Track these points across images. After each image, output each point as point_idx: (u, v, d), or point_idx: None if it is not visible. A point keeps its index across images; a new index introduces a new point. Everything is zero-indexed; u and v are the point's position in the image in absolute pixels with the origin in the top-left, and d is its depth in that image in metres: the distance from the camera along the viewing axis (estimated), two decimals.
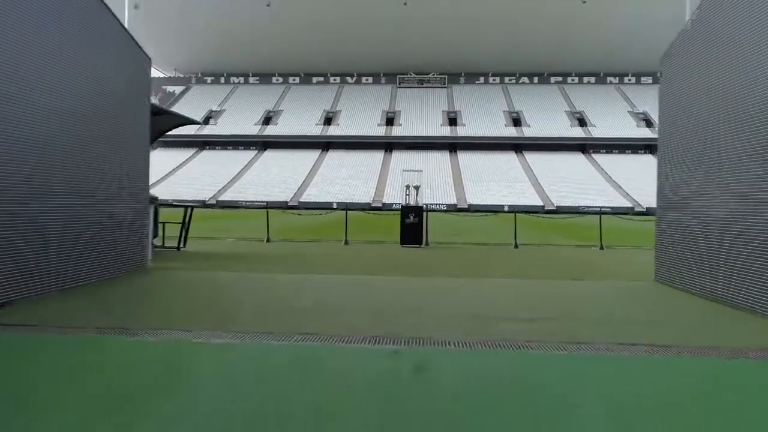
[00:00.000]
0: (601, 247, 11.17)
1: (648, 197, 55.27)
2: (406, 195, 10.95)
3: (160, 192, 59.87)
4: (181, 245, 9.33)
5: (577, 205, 54.11)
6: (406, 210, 11.14)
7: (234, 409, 2.45)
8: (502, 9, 63.87)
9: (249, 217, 25.39)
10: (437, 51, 73.43)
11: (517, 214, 11.67)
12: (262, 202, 56.13)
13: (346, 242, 11.49)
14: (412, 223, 10.71)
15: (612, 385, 3.01)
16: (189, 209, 9.44)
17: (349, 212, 13.92)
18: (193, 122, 9.07)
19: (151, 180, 40.30)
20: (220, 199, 56.67)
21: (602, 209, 54.57)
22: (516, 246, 11.21)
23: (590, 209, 53.99)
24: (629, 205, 54.31)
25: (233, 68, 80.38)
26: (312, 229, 13.99)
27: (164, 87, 79.63)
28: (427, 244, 11.32)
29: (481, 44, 71.45)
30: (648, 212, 53.04)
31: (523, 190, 57.52)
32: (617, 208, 53.65)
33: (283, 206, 55.00)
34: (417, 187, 10.81)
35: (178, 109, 74.79)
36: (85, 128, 6.12)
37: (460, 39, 70.02)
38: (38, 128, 5.37)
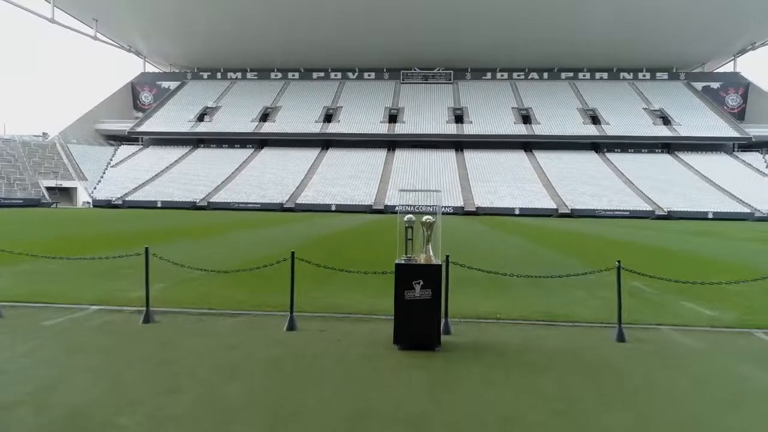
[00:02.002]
0: None
1: (669, 200, 49.24)
2: (407, 232, 4.86)
3: (150, 192, 55.17)
4: None
5: (593, 208, 48.25)
6: (408, 271, 4.78)
7: None
8: (510, 0, 57.74)
9: (190, 234, 19.95)
10: (442, 45, 67.16)
11: (623, 270, 5.67)
12: (256, 203, 50.58)
13: (290, 325, 5.70)
14: (420, 299, 4.90)
15: None
16: None
17: (332, 231, 8.26)
18: None
19: (141, 179, 34.25)
20: (211, 200, 51.10)
21: (621, 212, 48.79)
22: (621, 337, 5.39)
23: (608, 212, 48.04)
24: (649, 208, 48.33)
25: (230, 63, 74.37)
26: (258, 273, 7.26)
27: (159, 82, 73.77)
28: (448, 332, 5.54)
29: (488, 38, 65.14)
30: (669, 216, 47.07)
31: (535, 191, 51.59)
32: (636, 211, 47.72)
33: (277, 208, 49.53)
34: (430, 225, 4.91)
35: (172, 105, 69.27)
36: None
37: (466, 32, 63.78)
38: None
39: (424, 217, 4.97)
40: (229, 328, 5.64)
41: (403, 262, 4.95)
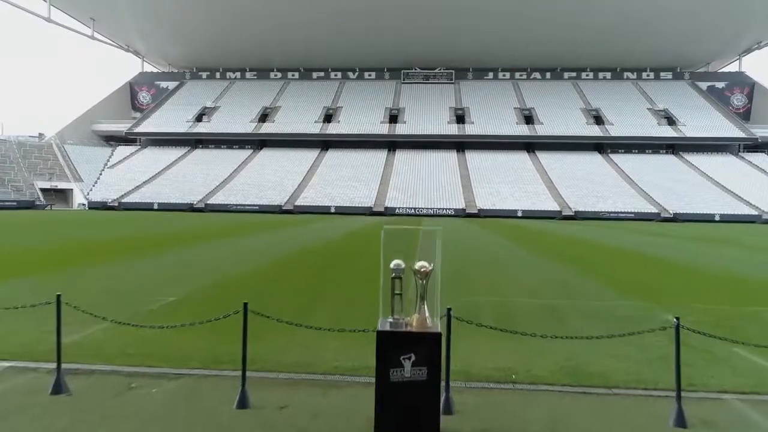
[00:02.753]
0: None
1: (675, 202, 47.71)
2: (394, 285, 3.39)
3: (147, 194, 54.03)
4: None
5: (597, 210, 46.77)
6: (395, 342, 3.35)
7: None
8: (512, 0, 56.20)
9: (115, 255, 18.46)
10: (443, 45, 65.68)
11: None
12: (254, 205, 49.26)
13: (241, 401, 4.17)
14: (410, 381, 3.42)
15: None
16: None
17: (330, 237, 6.74)
18: None
19: (138, 181, 32.48)
20: (209, 202, 49.78)
21: (625, 215, 47.23)
22: (681, 420, 3.88)
23: (613, 214, 46.54)
24: (654, 210, 46.90)
25: (229, 63, 72.98)
26: (219, 306, 5.94)
27: (157, 82, 72.44)
28: (449, 410, 4.12)
29: (490, 37, 63.64)
30: (675, 219, 45.55)
31: (538, 193, 50.13)
32: (641, 213, 46.25)
33: (276, 210, 48.22)
34: (425, 275, 3.65)
35: (171, 105, 67.97)
36: None
37: (467, 32, 62.31)
38: None
39: (418, 264, 3.58)
40: (162, 401, 4.25)
41: (387, 327, 3.55)
